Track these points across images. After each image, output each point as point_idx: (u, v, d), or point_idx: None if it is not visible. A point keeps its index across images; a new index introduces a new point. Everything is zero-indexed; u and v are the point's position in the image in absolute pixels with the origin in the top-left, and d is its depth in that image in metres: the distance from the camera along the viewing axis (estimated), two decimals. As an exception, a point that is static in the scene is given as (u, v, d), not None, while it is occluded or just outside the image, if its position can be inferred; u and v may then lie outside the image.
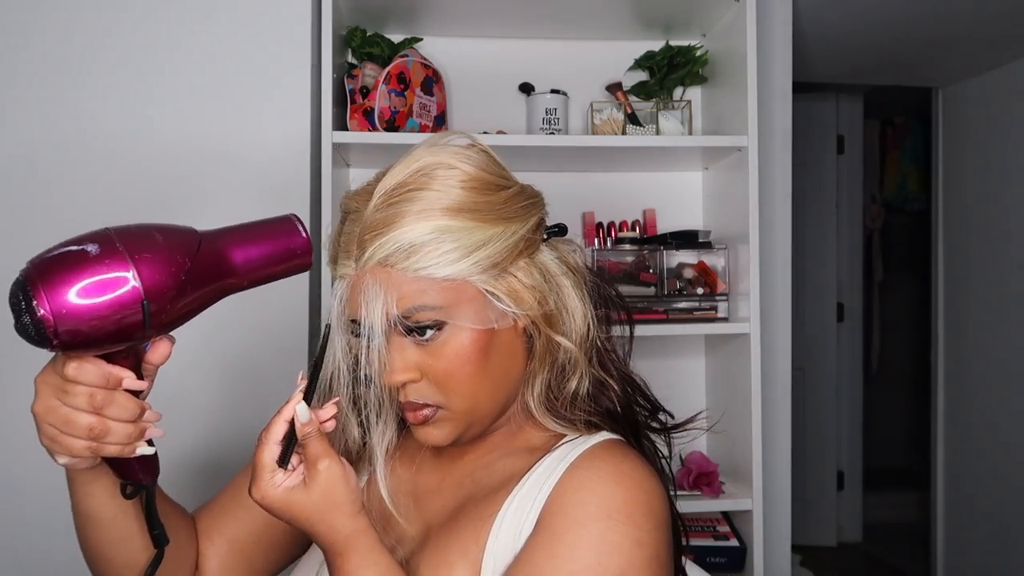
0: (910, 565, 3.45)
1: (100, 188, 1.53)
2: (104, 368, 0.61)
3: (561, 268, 0.79)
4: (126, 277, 0.58)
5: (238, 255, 0.66)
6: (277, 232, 0.68)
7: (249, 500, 0.80)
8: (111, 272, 0.58)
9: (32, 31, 1.53)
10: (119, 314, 0.58)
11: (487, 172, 0.74)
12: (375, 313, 0.69)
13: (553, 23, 1.84)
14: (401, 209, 0.70)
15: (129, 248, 0.59)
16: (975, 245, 2.85)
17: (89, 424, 0.61)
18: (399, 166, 0.73)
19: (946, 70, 2.81)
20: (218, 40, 1.56)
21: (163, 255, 0.60)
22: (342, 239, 0.74)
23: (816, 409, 3.64)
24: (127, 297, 0.58)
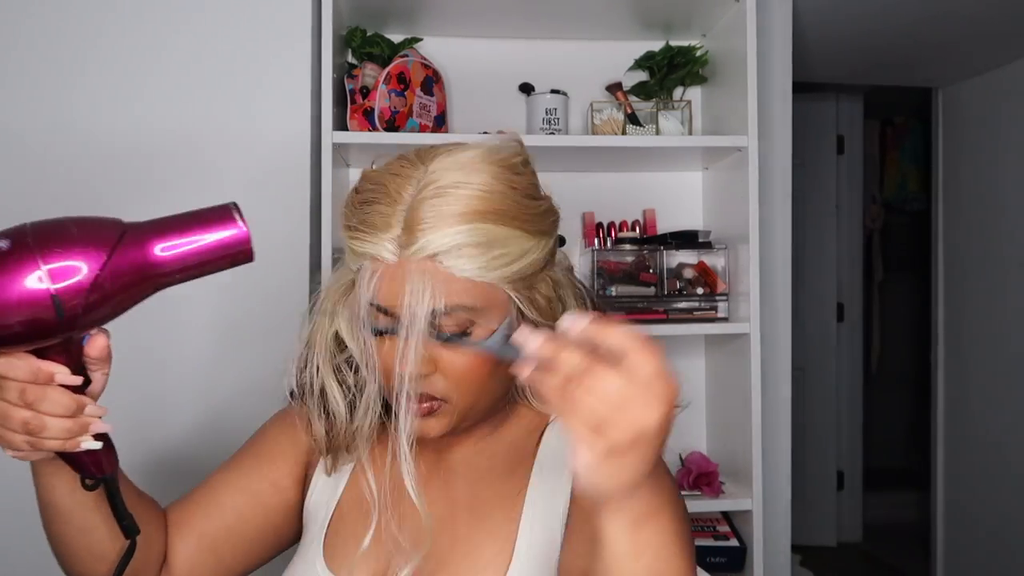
0: (910, 565, 3.45)
1: (98, 188, 1.53)
2: (33, 363, 0.61)
3: (567, 279, 0.82)
4: (34, 273, 0.56)
5: (165, 248, 0.62)
6: (211, 223, 0.64)
7: (222, 495, 0.83)
8: (18, 268, 0.56)
9: (25, 31, 1.53)
10: (29, 311, 0.56)
11: (532, 184, 0.76)
12: (422, 306, 0.68)
13: (553, 23, 1.84)
14: (452, 206, 0.69)
15: (40, 242, 0.57)
16: (975, 245, 2.85)
17: (23, 419, 0.61)
18: (445, 158, 0.72)
19: (946, 70, 2.81)
20: (218, 40, 1.56)
21: (76, 248, 0.58)
22: (375, 218, 0.71)
23: (816, 409, 3.64)
24: (36, 293, 0.56)
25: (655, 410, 0.51)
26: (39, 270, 0.56)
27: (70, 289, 0.57)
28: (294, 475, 0.87)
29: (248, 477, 0.85)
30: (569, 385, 0.52)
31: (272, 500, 0.85)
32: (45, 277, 0.56)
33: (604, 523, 0.58)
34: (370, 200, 0.72)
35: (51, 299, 0.57)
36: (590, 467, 0.52)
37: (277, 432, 0.89)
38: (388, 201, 0.71)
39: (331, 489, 0.85)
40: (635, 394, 0.51)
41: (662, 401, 0.51)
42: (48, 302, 0.57)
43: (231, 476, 0.86)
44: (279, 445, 0.87)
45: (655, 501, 0.59)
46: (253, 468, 0.86)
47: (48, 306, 0.57)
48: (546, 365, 0.53)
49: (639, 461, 0.53)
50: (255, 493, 0.85)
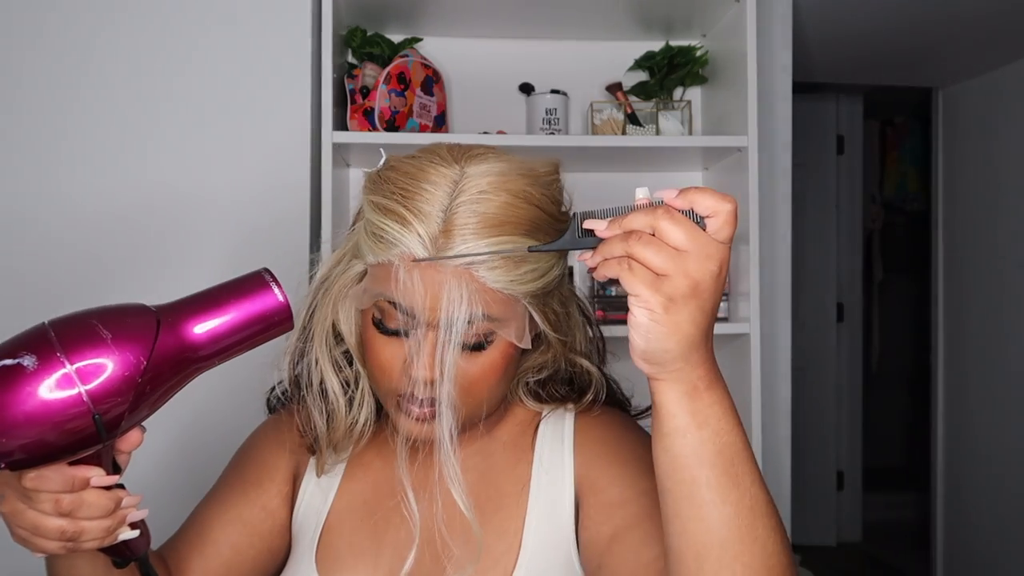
0: (910, 565, 3.45)
1: (97, 188, 1.53)
2: (67, 472, 0.57)
3: (571, 293, 0.82)
4: (70, 392, 0.52)
5: (203, 333, 0.57)
6: (247, 296, 0.59)
7: (214, 532, 0.82)
8: (53, 389, 0.51)
9: (34, 32, 1.53)
10: (68, 430, 0.52)
11: (558, 201, 0.75)
12: (459, 315, 0.66)
13: (553, 23, 1.84)
14: (493, 216, 0.67)
15: (71, 355, 0.52)
16: (975, 245, 2.85)
17: (59, 527, 0.58)
18: (489, 166, 0.70)
19: (946, 70, 2.81)
20: (218, 40, 1.56)
21: (113, 357, 0.53)
22: (409, 209, 0.68)
23: (816, 409, 3.64)
24: (74, 412, 0.52)
25: (712, 262, 0.54)
26: (75, 389, 0.52)
27: (109, 401, 0.53)
28: (282, 493, 0.84)
29: (237, 507, 0.83)
30: (629, 243, 0.55)
31: (264, 526, 0.83)
32: (84, 396, 0.52)
33: (661, 397, 0.58)
34: (405, 192, 0.69)
35: (92, 418, 0.53)
36: (647, 327, 0.55)
37: (260, 451, 0.86)
38: (424, 197, 0.68)
39: (321, 498, 0.83)
40: (692, 247, 0.54)
41: (715, 258, 0.54)
42: (88, 420, 0.53)
43: (220, 510, 0.83)
44: (264, 466, 0.85)
45: (712, 372, 0.59)
46: (240, 497, 0.83)
47: (88, 424, 0.53)
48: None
49: (696, 312, 0.54)
50: (246, 523, 0.82)
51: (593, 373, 0.83)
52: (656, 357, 0.56)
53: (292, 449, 0.85)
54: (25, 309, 1.47)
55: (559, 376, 0.84)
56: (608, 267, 0.57)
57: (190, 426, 1.51)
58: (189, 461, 1.49)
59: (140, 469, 1.46)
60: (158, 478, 1.48)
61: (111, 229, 1.52)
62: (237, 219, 1.55)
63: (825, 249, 3.70)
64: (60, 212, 1.52)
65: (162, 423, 1.48)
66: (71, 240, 1.51)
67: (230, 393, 1.47)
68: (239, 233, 1.55)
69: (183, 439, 1.51)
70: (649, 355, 0.56)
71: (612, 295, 1.72)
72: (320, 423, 0.80)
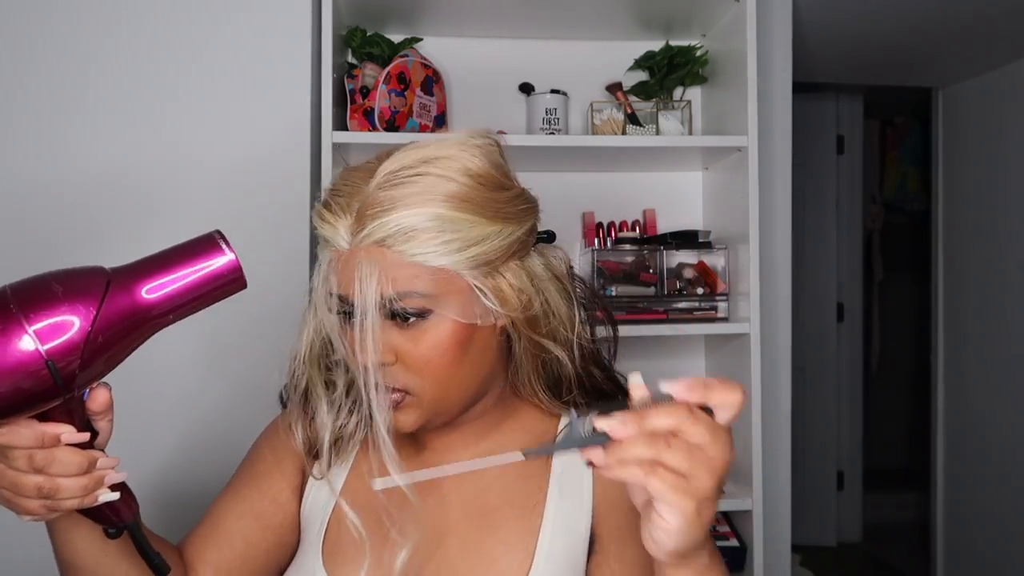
0: (910, 565, 3.45)
1: (95, 188, 1.53)
2: (37, 428, 0.59)
3: (547, 273, 0.80)
4: (22, 339, 0.54)
5: (153, 288, 0.60)
6: (197, 255, 0.62)
7: (227, 524, 0.83)
8: (5, 336, 0.54)
9: (35, 31, 1.53)
10: (25, 380, 0.55)
11: (493, 170, 0.74)
12: (369, 292, 0.68)
13: (553, 23, 1.84)
14: (404, 191, 0.69)
15: (23, 306, 0.55)
16: (975, 245, 2.85)
17: (36, 484, 0.60)
18: (406, 151, 0.73)
19: (946, 70, 2.81)
20: (218, 40, 1.56)
21: (63, 308, 0.56)
22: (335, 206, 0.72)
23: (816, 409, 3.64)
24: (28, 360, 0.54)
25: (727, 450, 0.55)
26: (27, 334, 0.55)
27: (63, 350, 0.56)
28: (292, 485, 0.86)
29: (248, 500, 0.84)
30: (657, 448, 0.53)
31: (276, 518, 0.84)
32: (35, 341, 0.55)
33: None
34: (335, 192, 0.73)
35: (45, 364, 0.55)
36: (680, 529, 0.54)
37: (270, 445, 0.88)
38: (347, 193, 0.72)
39: (327, 495, 0.84)
40: (713, 444, 0.54)
41: (728, 446, 0.55)
42: (42, 367, 0.55)
43: (232, 503, 0.85)
44: (273, 458, 0.86)
45: (712, 543, 0.61)
46: (251, 489, 0.85)
47: (43, 371, 0.55)
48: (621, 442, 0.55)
49: (715, 506, 0.55)
50: (258, 515, 0.84)
51: (559, 357, 0.80)
52: (684, 552, 0.56)
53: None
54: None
55: (582, 382, 0.82)
56: (628, 471, 0.54)
57: (197, 425, 1.51)
58: (196, 469, 1.49)
59: (150, 469, 1.46)
60: (167, 476, 1.48)
61: (106, 230, 1.52)
62: (237, 219, 1.55)
63: (825, 249, 3.70)
64: (58, 213, 1.51)
65: (170, 424, 1.49)
66: (58, 241, 1.51)
67: (244, 395, 1.48)
68: (239, 233, 1.54)
69: (191, 439, 1.51)
70: (679, 552, 0.56)
71: (612, 295, 1.72)
72: (297, 430, 0.82)
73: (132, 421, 1.49)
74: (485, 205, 0.71)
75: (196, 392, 1.53)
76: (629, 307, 1.72)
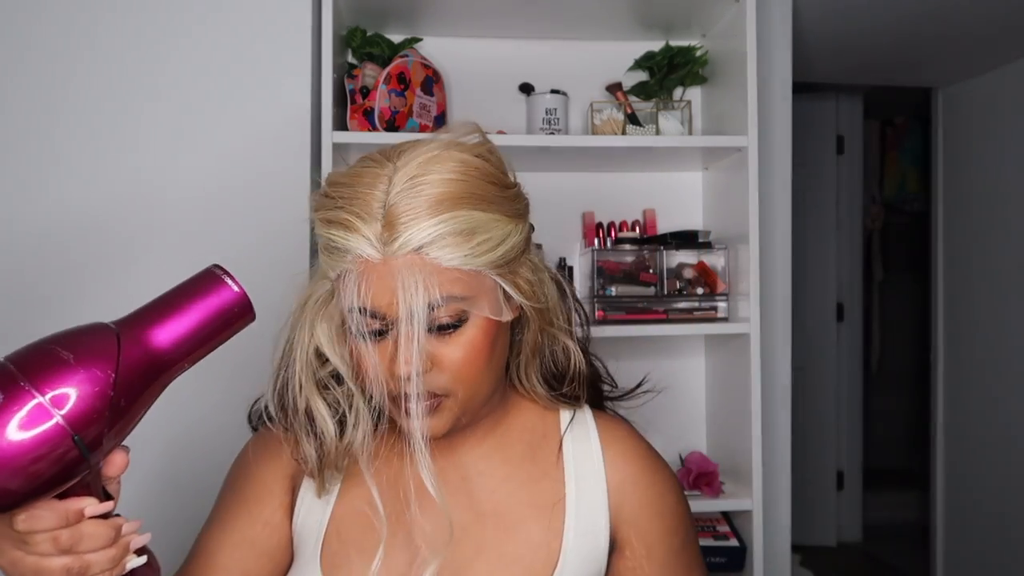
0: (910, 565, 3.45)
1: (93, 188, 1.53)
2: (58, 507, 0.55)
3: (543, 266, 0.82)
4: (42, 416, 0.50)
5: (166, 339, 0.57)
6: (203, 295, 0.59)
7: (222, 558, 0.80)
8: (27, 422, 0.50)
9: (26, 33, 1.53)
10: (48, 458, 0.50)
11: (500, 168, 0.76)
12: (417, 302, 0.67)
13: (553, 23, 1.84)
14: (431, 196, 0.68)
15: (34, 379, 0.51)
16: (975, 245, 2.85)
17: (64, 566, 0.56)
18: (418, 152, 0.71)
19: (946, 70, 2.81)
20: (218, 40, 1.56)
21: (78, 375, 0.52)
22: (353, 215, 0.69)
23: (816, 409, 3.64)
24: (51, 437, 0.50)
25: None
26: (46, 410, 0.50)
27: (86, 421, 0.51)
28: (284, 505, 0.83)
29: (240, 530, 0.81)
30: None
31: (271, 541, 0.82)
32: (56, 416, 0.51)
33: None
34: (345, 200, 0.70)
35: (71, 439, 0.51)
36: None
37: (256, 468, 0.85)
38: (363, 199, 0.69)
39: (320, 508, 0.82)
40: None
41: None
42: (68, 443, 0.51)
43: (224, 533, 0.82)
44: (262, 481, 0.84)
45: None
46: (242, 516, 0.82)
47: (69, 447, 0.51)
48: None
49: None
50: (252, 542, 0.81)
51: (571, 352, 0.82)
52: None
53: (287, 460, 0.83)
54: (12, 312, 1.48)
55: (575, 374, 0.84)
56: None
57: (179, 443, 1.51)
58: (179, 479, 1.49)
59: (131, 491, 1.46)
60: (148, 496, 1.48)
61: (107, 230, 1.52)
62: (237, 220, 1.55)
63: (825, 249, 3.70)
64: (54, 213, 1.51)
65: (151, 442, 1.48)
66: (65, 241, 1.51)
67: (218, 409, 1.47)
68: (239, 234, 1.55)
69: (172, 456, 1.51)
70: None
71: (612, 295, 1.72)
72: (309, 449, 0.79)
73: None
74: (502, 203, 0.72)
75: (191, 399, 1.52)
76: (629, 307, 1.72)
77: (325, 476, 0.80)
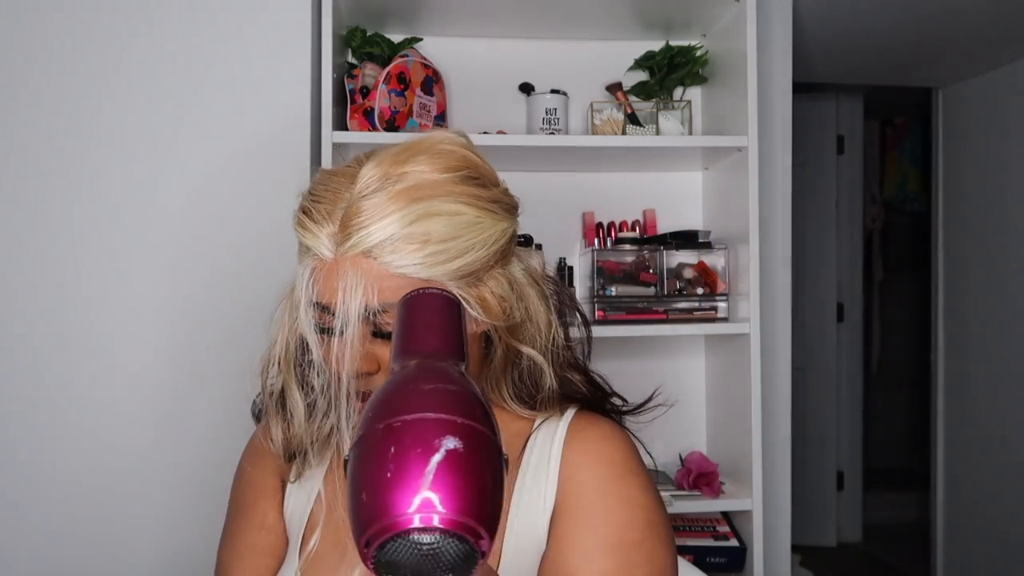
0: (910, 565, 3.45)
1: (93, 187, 1.53)
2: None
3: (527, 279, 0.79)
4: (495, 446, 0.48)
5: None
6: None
7: (235, 572, 0.83)
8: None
9: (31, 29, 1.53)
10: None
11: (473, 173, 0.74)
12: (354, 304, 0.67)
13: (553, 23, 1.84)
14: (388, 199, 0.68)
15: (467, 415, 0.48)
16: (975, 245, 2.85)
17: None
18: (386, 155, 0.72)
19: (946, 70, 2.81)
20: (218, 40, 1.56)
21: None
22: (316, 213, 0.70)
23: (816, 409, 3.64)
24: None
25: None
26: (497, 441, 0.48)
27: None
28: (276, 503, 0.85)
29: (244, 537, 0.85)
30: None
31: (270, 541, 0.84)
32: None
33: None
34: (315, 198, 0.72)
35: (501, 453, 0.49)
36: None
37: (248, 473, 0.87)
38: (328, 199, 0.70)
39: (304, 498, 0.84)
40: None
41: None
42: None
43: (232, 545, 0.86)
44: (253, 486, 0.86)
45: None
46: (243, 525, 0.85)
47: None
48: None
49: None
50: (255, 548, 0.84)
51: (545, 372, 0.79)
52: None
53: (272, 459, 0.84)
54: (11, 312, 1.47)
55: (547, 394, 0.80)
56: None
57: (183, 442, 1.51)
58: (184, 478, 1.49)
59: (137, 491, 1.46)
60: (153, 496, 1.48)
61: (105, 229, 1.52)
62: (236, 219, 1.55)
63: (825, 249, 3.70)
64: (52, 214, 1.51)
65: (154, 442, 1.48)
66: (63, 241, 1.51)
67: (222, 409, 1.47)
68: (239, 234, 1.54)
69: (177, 456, 1.51)
70: None
71: (612, 295, 1.72)
72: (276, 430, 0.80)
73: (127, 438, 1.50)
74: (471, 211, 0.71)
75: (194, 399, 1.52)
76: (629, 307, 1.72)
77: (296, 462, 0.81)
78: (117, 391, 1.50)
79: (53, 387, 1.48)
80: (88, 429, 1.49)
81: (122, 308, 1.52)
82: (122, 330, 1.51)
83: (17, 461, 1.47)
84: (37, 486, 1.47)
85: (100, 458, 1.49)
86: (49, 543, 1.47)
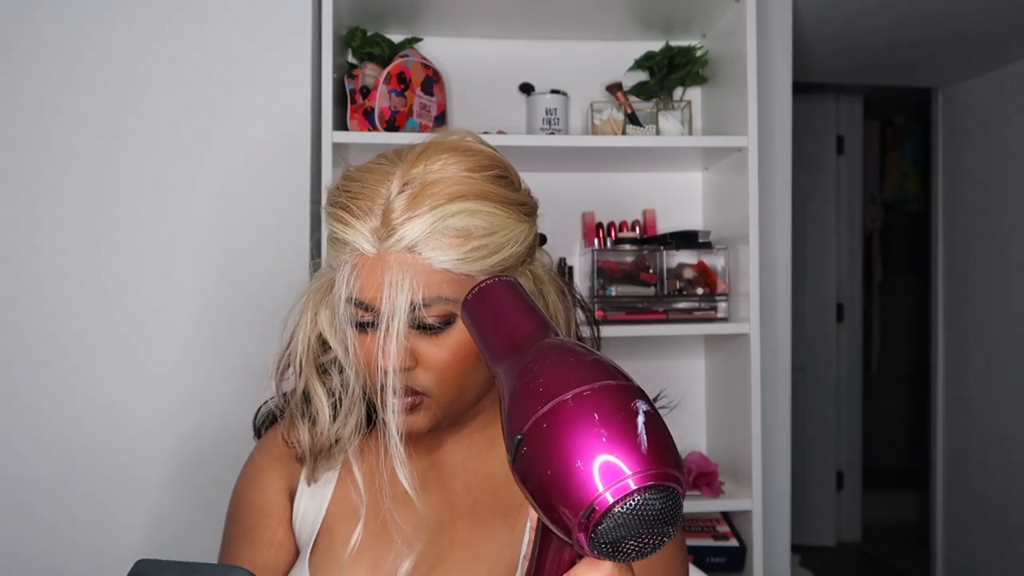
0: (910, 565, 3.46)
1: (93, 187, 1.53)
2: None
3: (548, 276, 0.81)
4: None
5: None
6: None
7: None
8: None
9: (30, 30, 1.53)
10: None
11: (507, 175, 0.76)
12: (400, 299, 0.68)
13: (553, 23, 1.84)
14: (431, 196, 0.69)
15: (627, 377, 0.50)
16: (975, 245, 2.85)
17: None
18: (420, 151, 0.73)
19: (946, 71, 2.81)
20: (218, 40, 1.56)
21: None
22: (356, 208, 0.71)
23: (816, 409, 3.64)
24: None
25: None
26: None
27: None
28: (284, 518, 0.84)
29: (249, 559, 0.83)
30: None
31: (279, 558, 0.83)
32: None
33: None
34: (351, 194, 0.72)
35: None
36: None
37: (250, 494, 0.86)
38: (367, 195, 0.71)
39: (316, 505, 0.83)
40: None
41: None
42: None
43: (240, 565, 0.82)
44: (257, 505, 0.85)
45: None
46: (247, 546, 0.83)
47: None
48: None
49: None
50: (262, 567, 0.82)
51: None
52: None
53: (281, 467, 0.84)
54: (12, 314, 1.48)
55: None
56: None
57: (187, 443, 1.51)
58: (188, 479, 1.49)
59: (139, 491, 1.46)
60: (157, 496, 1.48)
61: (107, 231, 1.52)
62: (237, 220, 1.55)
63: (825, 249, 3.70)
64: (54, 217, 1.51)
65: (159, 443, 1.49)
66: (66, 245, 1.51)
67: (238, 399, 1.48)
68: (239, 234, 1.55)
69: (182, 457, 1.51)
70: None
71: (612, 295, 1.72)
72: (303, 429, 0.80)
73: (136, 430, 1.50)
74: (504, 210, 0.72)
75: (198, 400, 1.53)
76: (629, 307, 1.72)
77: (317, 463, 0.81)
78: (133, 391, 1.51)
79: (74, 387, 1.48)
80: (106, 429, 1.49)
81: (125, 308, 1.52)
82: (122, 330, 1.52)
83: (27, 462, 1.47)
84: (51, 484, 1.47)
85: (117, 457, 1.48)
86: (63, 542, 1.47)
